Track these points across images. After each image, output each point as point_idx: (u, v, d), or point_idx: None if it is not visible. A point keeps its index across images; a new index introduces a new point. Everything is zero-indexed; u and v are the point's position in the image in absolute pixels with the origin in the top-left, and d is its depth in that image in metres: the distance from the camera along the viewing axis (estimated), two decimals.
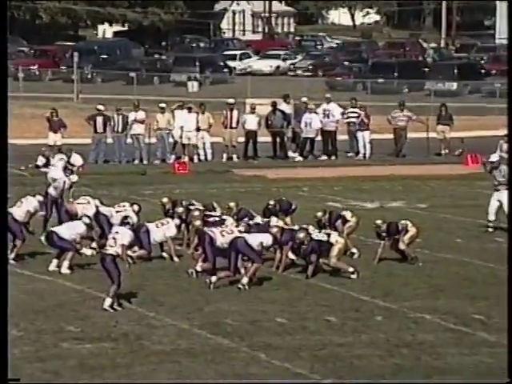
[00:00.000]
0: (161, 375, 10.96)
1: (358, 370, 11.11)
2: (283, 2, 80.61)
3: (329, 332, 12.37)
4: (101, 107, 27.11)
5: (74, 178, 17.17)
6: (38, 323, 12.67)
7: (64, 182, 16.63)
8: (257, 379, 10.83)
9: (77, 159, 25.75)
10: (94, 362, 11.29)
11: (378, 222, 15.63)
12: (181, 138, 27.03)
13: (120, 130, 26.75)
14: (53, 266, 15.15)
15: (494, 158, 18.12)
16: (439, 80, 45.07)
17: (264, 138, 27.87)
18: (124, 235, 13.50)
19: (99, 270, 14.86)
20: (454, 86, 45.12)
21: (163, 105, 27.33)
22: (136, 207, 16.56)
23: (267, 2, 73.74)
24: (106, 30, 70.27)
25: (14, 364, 11.16)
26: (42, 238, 15.41)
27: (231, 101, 27.89)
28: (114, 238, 13.37)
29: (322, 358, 11.44)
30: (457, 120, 29.37)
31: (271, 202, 16.68)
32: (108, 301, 13.07)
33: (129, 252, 14.37)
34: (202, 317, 12.90)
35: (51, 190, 17.11)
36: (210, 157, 27.22)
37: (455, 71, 46.85)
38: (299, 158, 27.57)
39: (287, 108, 27.92)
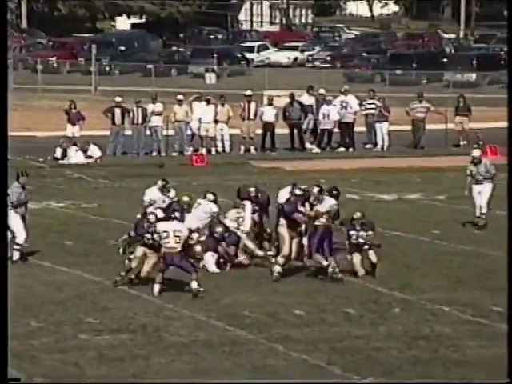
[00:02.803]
0: (179, 367, 10.99)
1: (375, 362, 11.09)
2: None
3: (347, 324, 12.36)
4: (119, 99, 27.16)
5: (172, 193, 16.23)
6: (57, 315, 12.73)
7: (163, 201, 16.00)
8: (274, 371, 10.85)
9: (95, 151, 25.94)
10: (113, 354, 11.34)
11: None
12: (199, 129, 27.05)
13: (140, 122, 26.81)
14: (16, 256, 15.15)
15: (477, 153, 17.84)
16: (458, 71, 44.85)
17: (282, 129, 27.85)
18: (184, 230, 13.76)
19: (117, 262, 14.94)
20: (473, 76, 44.87)
21: (181, 97, 27.35)
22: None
23: None
24: (123, 22, 70.27)
25: (33, 355, 11.23)
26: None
27: (249, 93, 27.86)
28: (177, 236, 13.57)
29: (339, 350, 11.44)
30: (476, 111, 29.23)
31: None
32: (194, 283, 13.36)
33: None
34: (219, 309, 12.92)
35: (155, 211, 16.40)
36: (227, 149, 27.23)
37: (474, 62, 46.59)
38: (317, 150, 27.53)
39: (309, 99, 27.80)
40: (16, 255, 15.14)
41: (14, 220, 15.15)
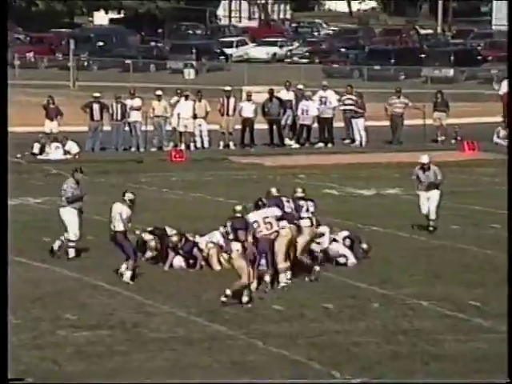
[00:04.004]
0: (158, 363, 10.98)
1: (355, 356, 11.14)
2: None
3: (326, 319, 12.40)
4: (97, 95, 27.08)
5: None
6: (35, 311, 12.69)
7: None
8: (254, 367, 10.86)
9: (73, 146, 25.84)
10: (91, 350, 11.31)
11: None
12: (177, 125, 27.02)
13: (119, 118, 26.74)
14: (72, 253, 15.16)
15: (425, 159, 16.89)
16: (436, 67, 45.05)
17: (261, 125, 27.87)
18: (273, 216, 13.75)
19: (96, 258, 14.91)
20: (451, 72, 45.09)
21: (159, 92, 27.31)
22: None
23: None
24: (101, 17, 70.05)
25: (11, 352, 11.18)
26: None
27: (228, 88, 27.85)
28: (269, 223, 13.52)
29: (319, 345, 11.47)
30: (453, 107, 29.37)
31: None
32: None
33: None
34: (199, 304, 12.92)
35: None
36: (206, 144, 27.21)
37: (452, 58, 46.82)
38: (296, 146, 27.56)
39: (287, 95, 27.82)
40: (71, 252, 15.09)
41: (69, 216, 15.08)
